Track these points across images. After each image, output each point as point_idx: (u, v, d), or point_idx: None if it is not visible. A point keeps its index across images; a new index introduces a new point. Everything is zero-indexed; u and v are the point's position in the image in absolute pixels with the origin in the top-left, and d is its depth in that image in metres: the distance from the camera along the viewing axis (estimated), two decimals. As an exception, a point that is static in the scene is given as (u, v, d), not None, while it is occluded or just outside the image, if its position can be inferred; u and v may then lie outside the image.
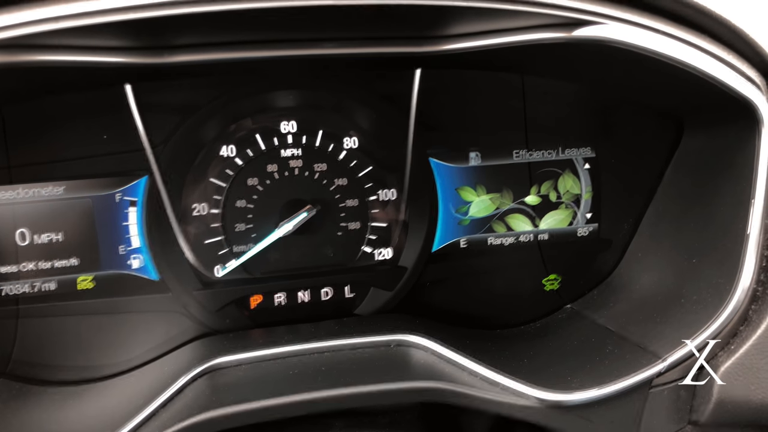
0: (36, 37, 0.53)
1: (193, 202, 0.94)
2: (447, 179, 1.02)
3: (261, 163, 0.95)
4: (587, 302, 1.04)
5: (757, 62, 0.75)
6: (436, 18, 0.66)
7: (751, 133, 0.77)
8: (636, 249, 1.04)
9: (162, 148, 0.91)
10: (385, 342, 0.84)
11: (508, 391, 0.76)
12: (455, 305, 1.04)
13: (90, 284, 0.92)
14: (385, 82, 0.95)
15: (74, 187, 0.91)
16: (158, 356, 0.93)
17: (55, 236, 0.91)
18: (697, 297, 0.84)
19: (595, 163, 1.06)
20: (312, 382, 0.74)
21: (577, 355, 0.87)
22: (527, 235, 1.06)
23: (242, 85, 0.93)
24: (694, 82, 0.73)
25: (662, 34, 0.69)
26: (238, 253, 0.96)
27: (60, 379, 0.91)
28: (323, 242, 0.99)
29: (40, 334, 0.91)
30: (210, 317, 0.94)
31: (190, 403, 0.72)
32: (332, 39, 0.70)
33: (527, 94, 1.02)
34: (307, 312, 0.98)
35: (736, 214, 0.80)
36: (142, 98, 0.85)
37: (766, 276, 0.78)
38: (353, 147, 0.98)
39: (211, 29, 0.65)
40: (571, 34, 0.67)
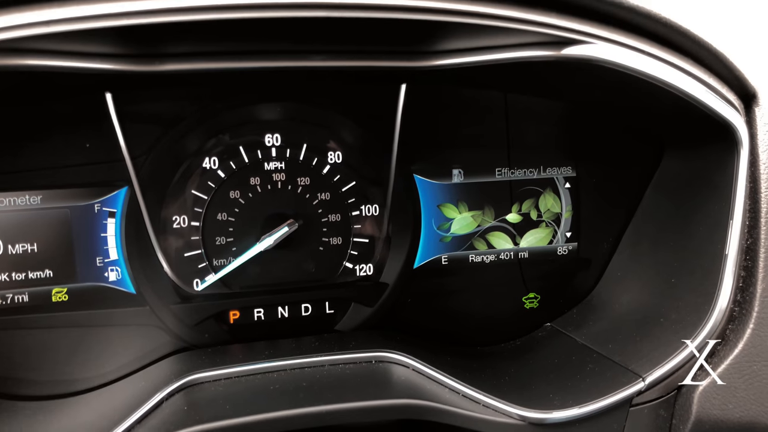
0: (24, 41, 0.52)
1: (173, 214, 0.93)
2: (430, 196, 1.02)
3: (244, 176, 0.94)
4: (567, 321, 1.05)
5: (736, 86, 0.76)
6: (425, 33, 0.67)
7: (730, 154, 0.79)
8: (615, 268, 1.05)
9: (143, 159, 0.90)
10: (367, 358, 0.84)
11: (489, 409, 0.76)
12: (436, 322, 1.04)
13: (65, 296, 0.90)
14: (370, 96, 0.96)
15: (52, 197, 0.89)
16: (135, 371, 0.91)
17: (30, 247, 0.88)
18: (676, 316, 0.85)
19: (576, 183, 1.07)
20: (293, 398, 0.73)
21: (558, 373, 0.87)
22: (508, 252, 1.06)
23: (227, 96, 0.92)
24: (676, 103, 0.75)
25: (648, 56, 0.70)
26: (218, 267, 0.95)
27: (32, 393, 0.88)
28: (304, 257, 0.98)
29: (11, 346, 0.88)
30: (188, 332, 0.93)
31: (168, 418, 0.70)
32: (320, 51, 0.70)
33: (510, 112, 1.03)
34: (287, 327, 0.97)
35: (715, 234, 0.81)
36: (124, 108, 0.84)
37: (743, 296, 0.79)
38: (337, 161, 0.97)
39: (200, 39, 0.64)
40: (560, 53, 0.68)
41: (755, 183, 0.78)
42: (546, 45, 0.68)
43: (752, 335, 0.77)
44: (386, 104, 0.90)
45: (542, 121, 1.05)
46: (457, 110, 1.02)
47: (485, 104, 1.03)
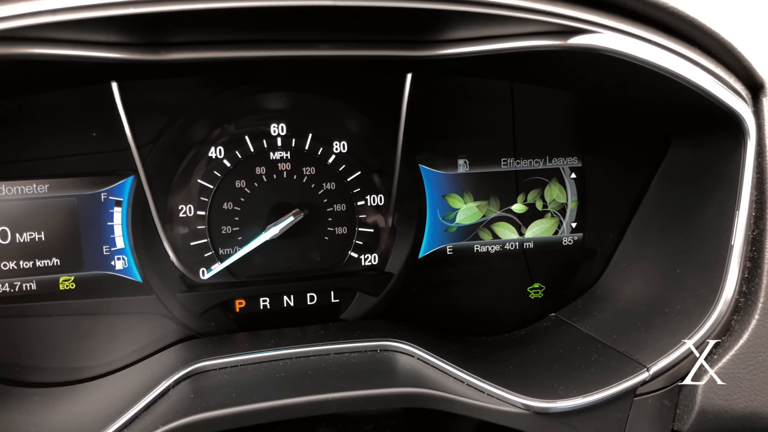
0: (29, 30, 0.52)
1: (179, 204, 0.93)
2: (435, 186, 1.02)
3: (249, 166, 0.95)
4: (572, 311, 1.05)
5: (744, 76, 0.76)
6: (431, 22, 0.67)
7: (737, 145, 0.78)
8: (620, 259, 1.05)
9: (149, 148, 0.90)
10: (371, 347, 0.84)
11: (493, 398, 0.76)
12: (441, 312, 1.04)
13: (72, 285, 0.91)
14: (376, 86, 0.95)
15: (58, 186, 0.89)
16: (141, 359, 0.92)
17: (37, 235, 0.89)
18: (680, 307, 0.84)
19: (582, 173, 1.07)
20: (298, 386, 0.73)
21: (562, 363, 0.88)
22: (513, 243, 1.06)
23: (233, 86, 0.92)
24: (682, 93, 0.74)
25: (655, 45, 0.70)
26: (224, 256, 0.95)
27: (40, 380, 0.89)
28: (310, 247, 0.98)
29: (20, 334, 0.89)
30: (194, 320, 0.93)
31: (174, 406, 0.71)
32: (326, 40, 0.70)
33: (516, 102, 1.03)
34: (293, 316, 0.97)
35: (721, 225, 0.81)
36: (130, 97, 0.84)
37: (748, 287, 0.79)
38: (342, 151, 0.97)
39: (206, 27, 0.64)
40: (566, 42, 0.68)
41: (762, 174, 0.77)
42: (552, 34, 0.68)
43: (757, 326, 0.77)
44: (392, 94, 0.90)
45: (548, 111, 1.04)
46: (462, 100, 1.02)
47: (491, 94, 1.02)
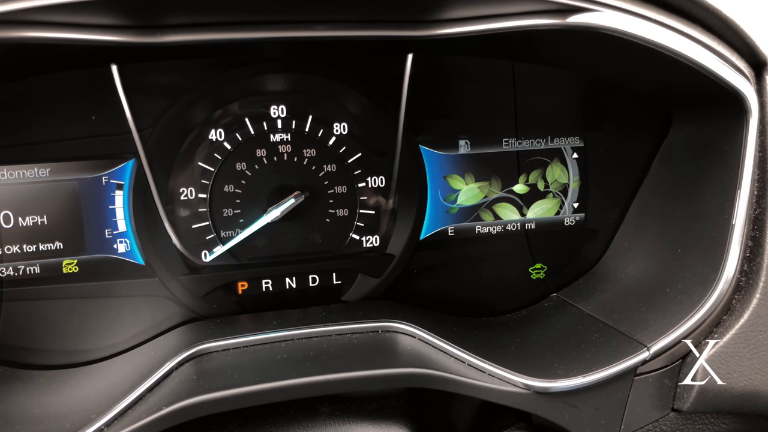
0: (26, 13, 0.52)
1: (181, 186, 0.93)
2: (436, 167, 1.02)
3: (250, 148, 0.94)
4: (573, 291, 1.05)
5: (746, 53, 0.75)
6: (431, 1, 0.66)
7: (739, 123, 0.78)
8: (622, 239, 1.05)
9: (150, 131, 0.90)
10: (373, 328, 0.84)
11: (494, 378, 0.77)
12: (442, 293, 1.04)
13: (75, 268, 0.91)
14: (376, 67, 0.95)
15: (60, 170, 0.89)
16: (144, 341, 0.92)
17: (40, 219, 0.89)
18: (681, 287, 0.85)
19: (584, 153, 1.06)
20: (300, 367, 0.74)
21: (564, 343, 0.88)
22: (514, 224, 1.06)
23: (232, 68, 0.92)
24: (684, 71, 0.74)
25: (655, 23, 0.69)
26: (225, 239, 0.95)
27: (45, 363, 0.90)
28: (311, 229, 0.98)
29: (24, 317, 0.90)
30: (197, 302, 0.94)
31: (177, 387, 0.71)
32: (325, 21, 0.70)
33: (517, 82, 1.02)
34: (295, 298, 0.98)
35: (722, 204, 0.81)
36: (130, 80, 0.84)
37: (749, 266, 0.79)
38: (343, 133, 0.97)
39: (204, 8, 0.64)
40: (565, 21, 0.67)
41: (764, 152, 0.77)
42: (551, 13, 0.67)
43: (758, 305, 0.78)
44: (392, 75, 0.89)
45: (550, 90, 1.04)
46: (463, 80, 1.01)
47: (492, 74, 1.02)
